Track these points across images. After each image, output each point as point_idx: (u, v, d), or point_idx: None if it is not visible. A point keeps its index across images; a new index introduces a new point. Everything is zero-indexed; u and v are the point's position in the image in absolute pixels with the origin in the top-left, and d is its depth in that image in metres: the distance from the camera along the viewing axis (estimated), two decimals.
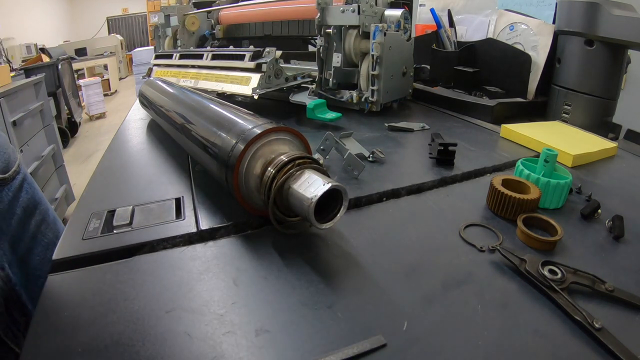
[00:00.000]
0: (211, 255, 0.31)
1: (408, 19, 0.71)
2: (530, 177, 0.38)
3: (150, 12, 6.69)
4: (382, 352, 0.22)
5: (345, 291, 0.27)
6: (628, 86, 1.10)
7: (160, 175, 0.46)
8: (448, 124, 0.64)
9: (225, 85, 0.69)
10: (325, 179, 0.28)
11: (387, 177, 0.43)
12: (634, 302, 0.25)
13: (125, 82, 6.00)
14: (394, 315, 0.24)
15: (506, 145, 0.54)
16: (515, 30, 0.72)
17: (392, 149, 0.52)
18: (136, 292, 0.27)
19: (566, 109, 0.64)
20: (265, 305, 0.26)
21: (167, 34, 1.08)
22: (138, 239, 0.32)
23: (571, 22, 0.61)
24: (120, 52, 5.81)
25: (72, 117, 3.58)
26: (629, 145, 0.60)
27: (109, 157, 0.53)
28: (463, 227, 0.34)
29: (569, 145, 0.49)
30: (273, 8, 0.86)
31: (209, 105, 0.43)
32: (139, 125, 0.67)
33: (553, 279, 0.26)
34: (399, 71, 0.70)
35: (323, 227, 0.29)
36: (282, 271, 0.29)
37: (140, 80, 0.92)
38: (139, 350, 0.22)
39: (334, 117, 0.61)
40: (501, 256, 0.29)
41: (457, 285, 0.27)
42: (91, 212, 0.36)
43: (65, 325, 0.24)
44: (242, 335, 0.23)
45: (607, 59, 0.59)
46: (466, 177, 0.44)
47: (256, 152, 0.32)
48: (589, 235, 0.33)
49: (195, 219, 0.35)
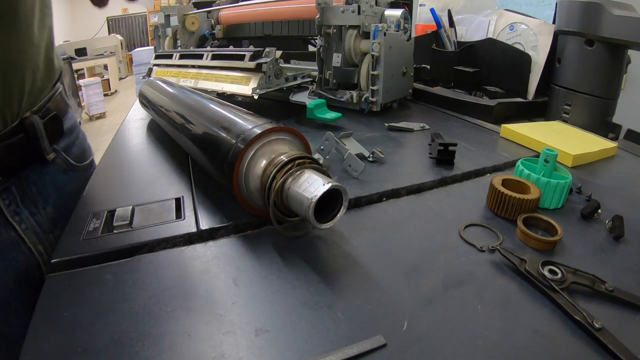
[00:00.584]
0: (211, 255, 0.31)
1: (408, 19, 0.71)
2: (530, 177, 0.38)
3: (150, 12, 6.70)
4: (382, 352, 0.22)
5: (345, 291, 0.27)
6: (628, 86, 1.10)
7: (160, 175, 0.46)
8: (448, 124, 0.64)
9: (225, 85, 0.69)
10: (325, 179, 0.28)
11: (387, 177, 0.43)
12: (634, 302, 0.25)
13: (125, 82, 6.00)
14: (394, 315, 0.24)
15: (506, 145, 0.54)
16: (515, 30, 0.72)
17: (392, 149, 0.52)
18: (136, 292, 0.27)
19: (566, 109, 0.64)
20: (265, 305, 0.26)
21: (167, 34, 1.08)
22: (138, 239, 0.32)
23: (571, 22, 0.61)
24: (120, 52, 5.81)
25: None
26: (629, 145, 0.60)
27: (109, 157, 0.53)
28: (463, 227, 0.34)
29: (569, 145, 0.49)
30: (273, 8, 0.86)
31: (209, 105, 0.43)
32: (139, 125, 0.67)
33: (553, 279, 0.26)
34: (399, 71, 0.70)
35: (323, 227, 0.29)
36: (282, 271, 0.29)
37: (140, 80, 0.92)
38: (139, 350, 0.22)
39: (334, 117, 0.61)
40: (501, 256, 0.29)
41: (457, 285, 0.27)
42: (91, 212, 0.36)
43: (65, 325, 0.24)
44: (242, 335, 0.23)
45: (607, 59, 0.59)
46: (466, 177, 0.44)
47: (256, 152, 0.32)
48: (589, 235, 0.33)
49: (195, 219, 0.35)
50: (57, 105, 0.45)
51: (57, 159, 0.45)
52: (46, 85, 0.44)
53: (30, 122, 0.40)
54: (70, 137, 0.49)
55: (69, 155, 0.48)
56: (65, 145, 0.48)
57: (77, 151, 0.50)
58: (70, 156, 0.48)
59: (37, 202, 0.42)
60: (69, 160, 0.48)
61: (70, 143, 0.49)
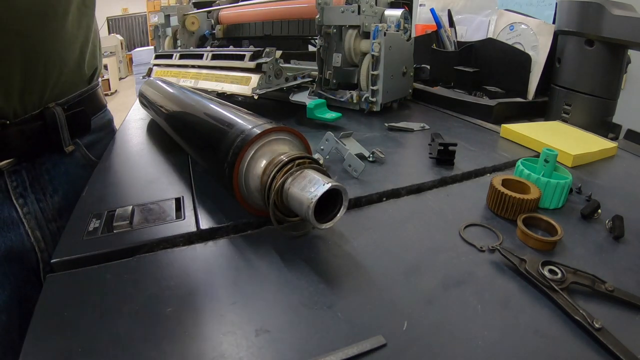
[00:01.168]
0: (211, 255, 0.31)
1: (408, 19, 0.71)
2: (530, 177, 0.38)
3: (150, 12, 6.69)
4: (382, 352, 0.22)
5: (345, 291, 0.27)
6: (628, 86, 1.10)
7: (160, 175, 0.46)
8: (448, 124, 0.64)
9: (225, 85, 0.69)
10: (325, 179, 0.28)
11: (387, 177, 0.43)
12: (634, 302, 0.25)
13: (125, 82, 5.99)
14: (394, 315, 0.24)
15: (506, 145, 0.54)
16: (515, 30, 0.72)
17: (392, 149, 0.52)
18: (136, 292, 0.27)
19: (566, 109, 0.64)
20: (265, 305, 0.26)
21: (167, 34, 1.08)
22: (138, 239, 0.32)
23: (571, 22, 0.61)
24: (120, 52, 5.81)
25: None
26: (629, 145, 0.60)
27: (109, 157, 0.53)
28: (463, 227, 0.34)
29: (569, 145, 0.49)
30: (273, 8, 0.86)
31: (209, 105, 0.43)
32: (139, 125, 0.67)
33: (553, 279, 0.26)
34: (399, 71, 0.70)
35: (323, 227, 0.29)
36: (282, 271, 0.29)
37: (140, 80, 0.92)
38: (139, 350, 0.22)
39: (334, 117, 0.61)
40: (501, 256, 0.29)
41: (457, 285, 0.27)
42: (91, 212, 0.36)
43: (65, 325, 0.24)
44: (242, 335, 0.23)
45: (607, 59, 0.59)
46: (466, 177, 0.44)
47: (256, 152, 0.32)
48: (589, 235, 0.33)
49: (195, 219, 0.35)
50: (89, 102, 0.46)
51: (77, 152, 0.46)
52: (76, 81, 0.45)
53: (52, 112, 0.41)
54: (99, 134, 0.51)
55: (92, 151, 0.49)
56: (89, 141, 0.49)
57: (101, 148, 0.51)
58: (92, 152, 0.49)
59: (46, 190, 0.43)
60: (90, 156, 0.49)
61: (97, 140, 0.50)
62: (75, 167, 0.47)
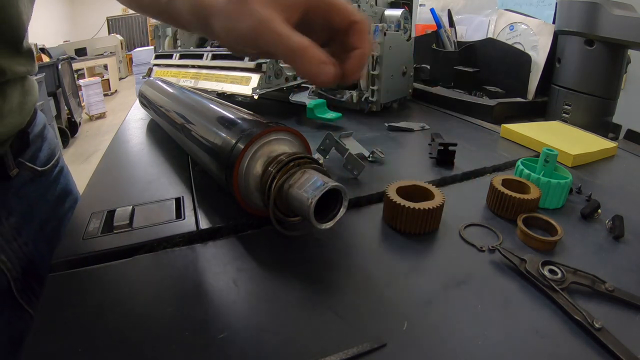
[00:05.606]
0: (211, 255, 0.31)
1: (408, 19, 0.71)
2: (530, 177, 0.38)
3: None
4: (382, 352, 0.22)
5: (345, 291, 0.27)
6: (628, 86, 1.09)
7: (160, 175, 0.46)
8: (448, 124, 0.64)
9: (225, 85, 0.69)
10: (325, 179, 0.28)
11: (387, 177, 0.43)
12: (634, 302, 0.25)
13: (125, 82, 6.00)
14: (394, 315, 0.24)
15: (506, 145, 0.54)
16: (515, 30, 0.72)
17: (392, 149, 0.51)
18: (136, 292, 0.27)
19: (566, 109, 0.64)
20: (265, 305, 0.26)
21: (167, 34, 1.08)
22: (138, 239, 0.32)
23: (571, 22, 0.61)
24: (120, 52, 5.81)
25: (72, 117, 3.58)
26: (629, 145, 0.60)
27: (109, 157, 0.53)
28: (463, 227, 0.34)
29: (569, 145, 0.49)
30: None
31: (209, 105, 0.43)
32: (139, 125, 0.67)
33: (553, 278, 0.26)
34: (399, 71, 0.70)
35: (323, 227, 0.29)
36: (282, 271, 0.29)
37: (140, 80, 0.92)
38: (139, 350, 0.22)
39: (334, 117, 0.61)
40: (501, 256, 0.29)
41: (457, 285, 0.27)
42: (91, 212, 0.36)
43: (65, 325, 0.24)
44: (242, 335, 0.23)
45: (607, 59, 0.59)
46: (466, 177, 0.44)
47: (256, 152, 0.32)
48: (589, 235, 0.33)
49: (195, 219, 0.35)
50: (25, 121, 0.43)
51: (22, 171, 0.44)
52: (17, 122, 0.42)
53: None
54: (37, 143, 0.47)
55: (36, 162, 0.46)
56: (31, 154, 0.46)
57: (44, 155, 0.48)
58: (37, 163, 0.47)
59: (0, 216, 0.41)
60: (35, 168, 0.46)
61: (38, 149, 0.47)
62: (23, 185, 0.44)
